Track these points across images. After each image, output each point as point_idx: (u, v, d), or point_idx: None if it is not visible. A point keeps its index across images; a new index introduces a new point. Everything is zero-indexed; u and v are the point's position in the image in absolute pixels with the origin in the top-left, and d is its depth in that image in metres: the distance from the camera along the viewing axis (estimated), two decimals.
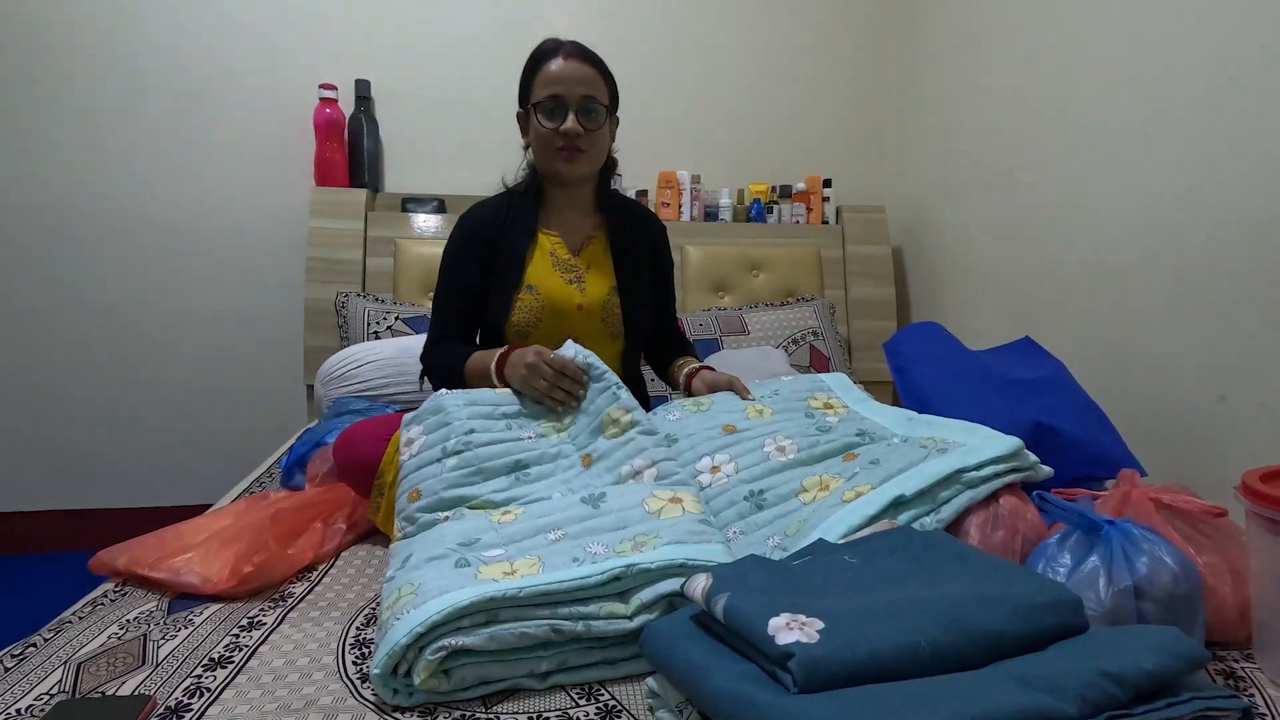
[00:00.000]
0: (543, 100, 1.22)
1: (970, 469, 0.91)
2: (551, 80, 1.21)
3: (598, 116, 1.24)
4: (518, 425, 1.09)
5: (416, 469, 1.02)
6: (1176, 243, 1.38)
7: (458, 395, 1.10)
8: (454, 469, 0.99)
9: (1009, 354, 1.36)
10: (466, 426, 1.04)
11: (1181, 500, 0.85)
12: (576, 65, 1.22)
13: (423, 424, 1.07)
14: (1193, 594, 0.72)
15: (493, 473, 1.00)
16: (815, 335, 2.05)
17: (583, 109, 1.22)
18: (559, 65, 1.22)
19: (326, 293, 2.00)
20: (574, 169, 1.25)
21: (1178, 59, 1.37)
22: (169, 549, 0.99)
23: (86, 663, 0.76)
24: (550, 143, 1.23)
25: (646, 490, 0.94)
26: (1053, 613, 0.57)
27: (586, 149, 1.24)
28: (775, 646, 0.52)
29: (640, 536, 0.83)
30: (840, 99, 2.41)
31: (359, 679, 0.74)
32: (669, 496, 0.93)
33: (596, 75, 1.24)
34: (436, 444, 1.02)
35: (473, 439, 1.02)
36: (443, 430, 1.04)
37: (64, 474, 2.13)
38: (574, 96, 1.21)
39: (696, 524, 0.87)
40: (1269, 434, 1.21)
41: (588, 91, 1.22)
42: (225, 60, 2.09)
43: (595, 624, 0.74)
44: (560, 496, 0.96)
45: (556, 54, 1.23)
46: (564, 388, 1.11)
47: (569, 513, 0.90)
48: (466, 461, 1.00)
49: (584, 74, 1.22)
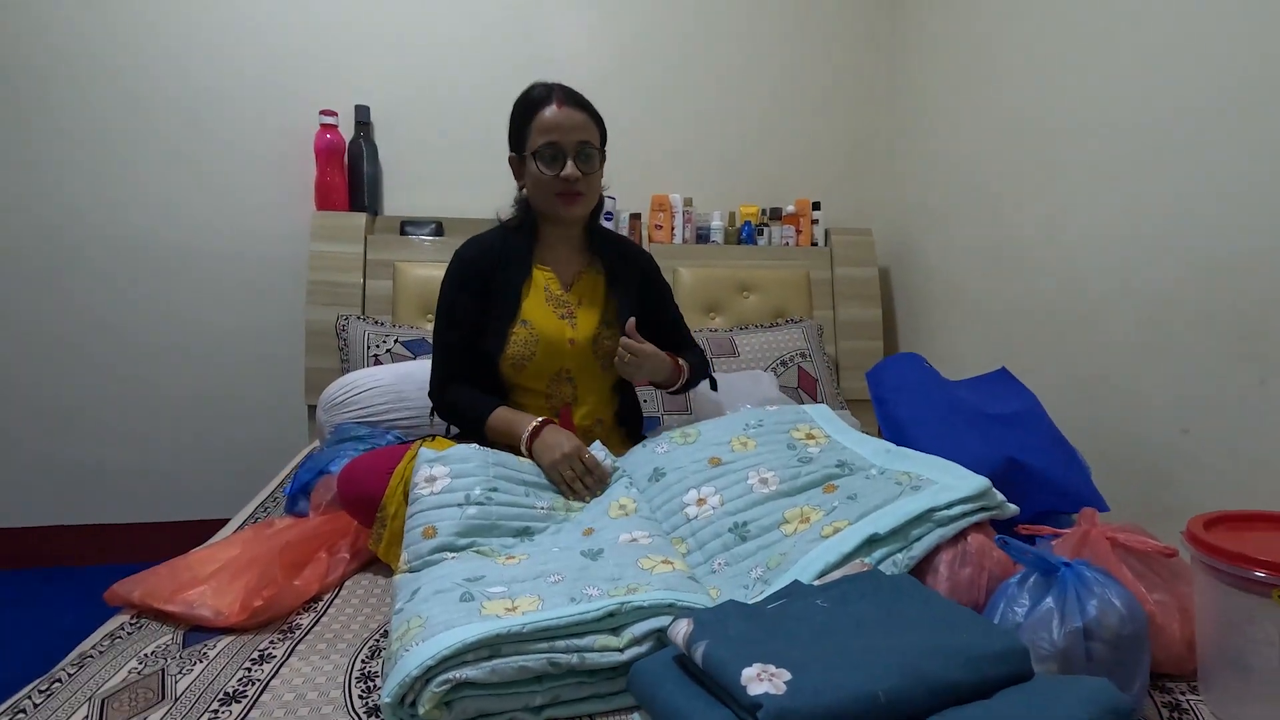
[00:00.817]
0: (541, 148, 1.27)
1: (941, 508, 0.97)
2: (548, 128, 1.26)
3: (593, 160, 1.30)
4: (534, 494, 1.16)
5: (436, 507, 1.06)
6: (1147, 279, 1.44)
7: (487, 453, 1.16)
8: (473, 517, 1.05)
9: (985, 385, 1.42)
10: (492, 484, 1.11)
11: (1136, 540, 0.91)
12: (570, 112, 1.28)
13: (449, 466, 1.12)
14: (1139, 634, 0.78)
15: (504, 531, 1.07)
16: (803, 357, 2.11)
17: (580, 154, 1.27)
18: (554, 113, 1.27)
19: (327, 315, 2.05)
20: (574, 211, 1.31)
21: (1154, 98, 1.43)
22: (181, 581, 1.04)
23: (110, 698, 0.81)
24: (550, 188, 1.28)
25: (641, 551, 1.00)
26: (1002, 662, 0.63)
27: (584, 192, 1.30)
28: (747, 696, 0.58)
29: (633, 584, 0.88)
30: (830, 124, 2.47)
31: (365, 713, 0.79)
32: (661, 559, 0.98)
33: (588, 120, 1.30)
34: (460, 490, 1.08)
35: (494, 496, 1.09)
36: (469, 479, 1.10)
37: (71, 490, 2.18)
38: (571, 143, 1.27)
39: (685, 579, 0.93)
40: (1229, 466, 1.27)
41: (583, 137, 1.28)
42: (228, 86, 2.14)
43: (589, 656, 0.79)
44: (560, 550, 1.02)
45: (549, 101, 1.27)
46: (587, 485, 1.18)
47: (568, 562, 0.96)
48: (486, 515, 1.06)
49: (578, 120, 1.28)
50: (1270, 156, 1.21)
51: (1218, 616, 0.81)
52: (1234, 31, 1.26)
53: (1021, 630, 0.79)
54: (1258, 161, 1.23)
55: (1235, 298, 1.26)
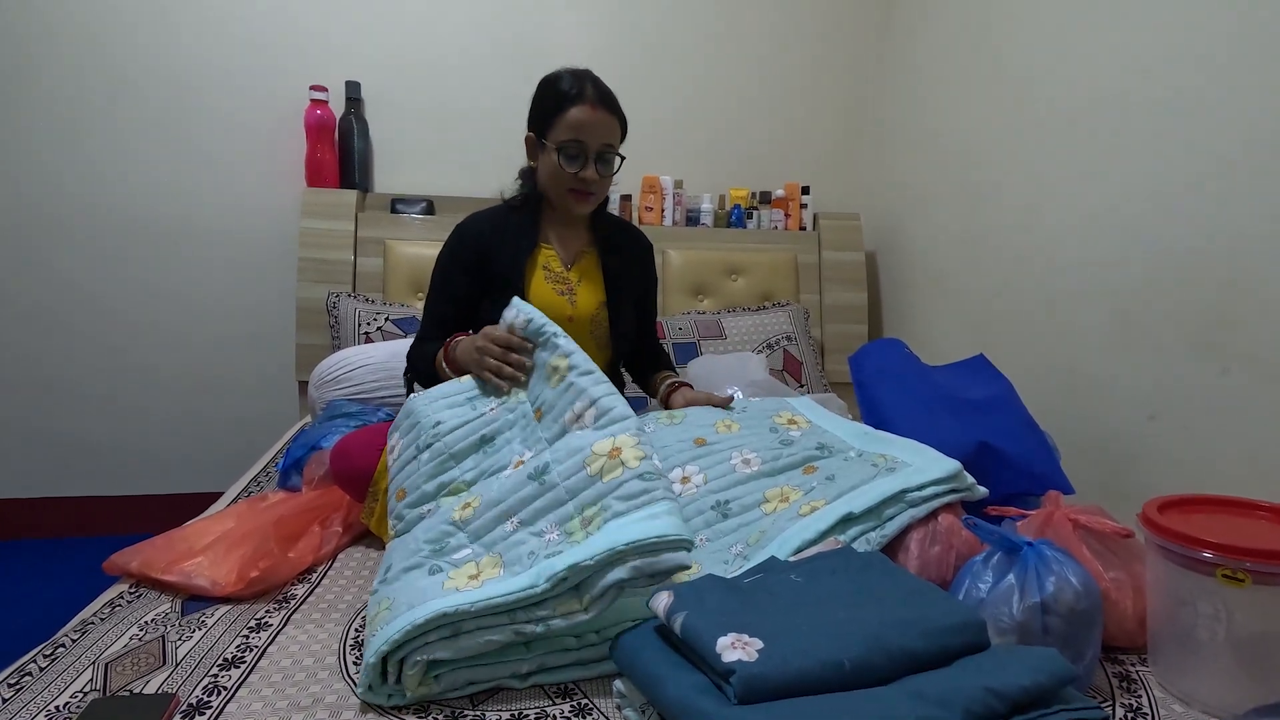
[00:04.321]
0: (565, 144, 1.26)
1: (913, 489, 1.01)
2: (576, 126, 1.25)
3: (612, 164, 1.31)
4: (481, 403, 1.13)
5: (399, 470, 1.09)
6: (1118, 271, 1.48)
7: (426, 394, 1.17)
8: (428, 461, 1.06)
9: (963, 371, 1.46)
10: (433, 420, 1.09)
11: (1095, 522, 0.96)
12: (603, 115, 1.26)
13: (399, 429, 1.14)
14: (1092, 610, 0.82)
15: (463, 454, 1.06)
16: (789, 340, 2.14)
17: (601, 158, 1.28)
18: (586, 114, 1.25)
19: (318, 292, 2.06)
20: (584, 209, 1.34)
21: (1130, 96, 1.46)
22: (178, 552, 1.07)
23: (113, 663, 0.84)
24: (565, 181, 1.29)
25: (586, 444, 0.96)
26: (960, 634, 0.67)
27: (597, 192, 1.32)
28: (721, 663, 0.62)
29: (588, 511, 0.88)
30: (820, 108, 2.48)
31: (359, 678, 0.83)
32: (607, 450, 0.93)
33: (615, 122, 1.29)
34: (410, 444, 1.10)
35: (440, 429, 1.08)
36: (414, 431, 1.11)
37: (67, 463, 2.20)
38: (595, 145, 1.27)
39: (637, 482, 0.88)
40: (1190, 452, 1.32)
41: (607, 139, 1.28)
42: (218, 60, 2.12)
43: (554, 623, 0.80)
44: (512, 469, 1.01)
45: (582, 99, 1.25)
46: (512, 363, 1.13)
47: (519, 494, 0.95)
48: (437, 452, 1.06)
49: (607, 123, 1.27)
50: (1237, 157, 1.24)
51: (1167, 594, 0.86)
52: (1211, 31, 1.29)
53: (984, 605, 0.83)
54: (1225, 161, 1.26)
55: (1201, 291, 1.31)
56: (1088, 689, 0.85)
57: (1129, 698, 0.84)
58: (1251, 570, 0.77)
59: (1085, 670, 0.83)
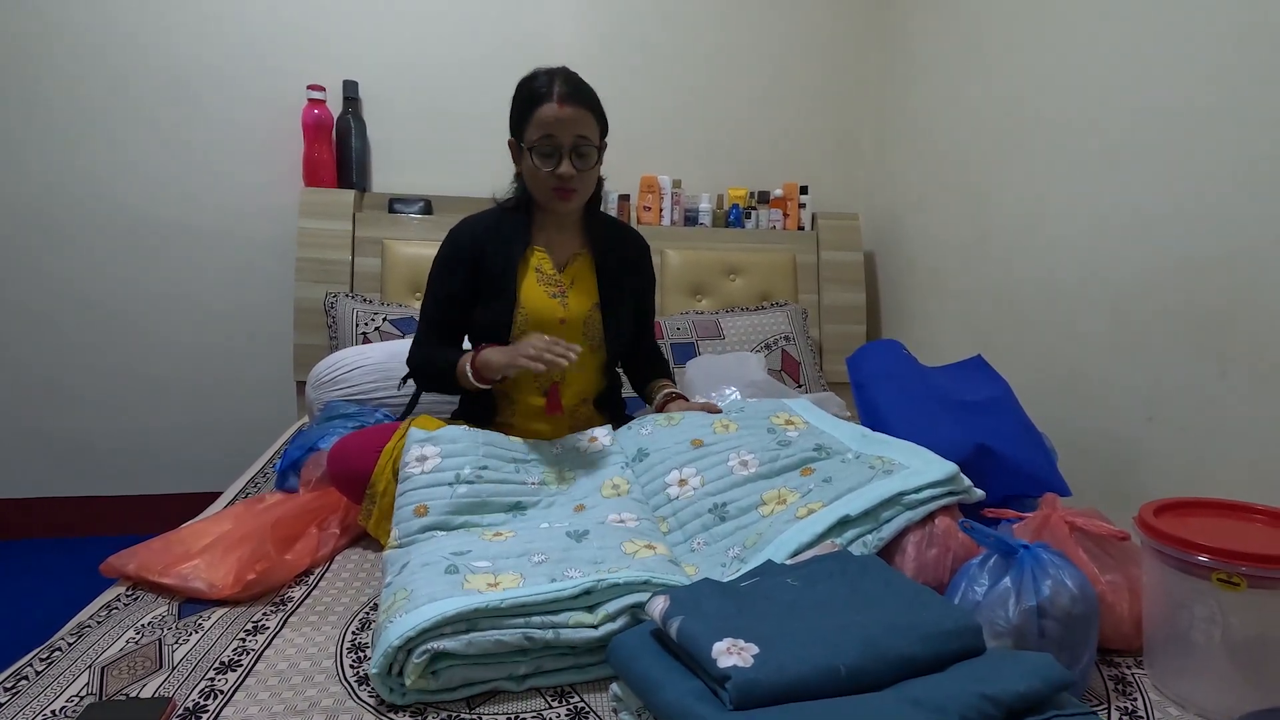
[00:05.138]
0: (537, 143, 1.26)
1: (910, 491, 1.01)
2: (545, 123, 1.25)
3: (589, 158, 1.30)
4: (524, 469, 1.18)
5: (427, 485, 1.09)
6: (1117, 273, 1.48)
7: (476, 433, 1.19)
8: (463, 496, 1.08)
9: (961, 373, 1.46)
10: (482, 461, 1.13)
11: (1092, 525, 0.96)
12: (571, 110, 1.25)
13: (439, 446, 1.14)
14: (1088, 614, 0.83)
15: (494, 508, 1.10)
16: (788, 340, 2.14)
17: (575, 152, 1.27)
18: (553, 111, 1.24)
19: (316, 292, 2.06)
20: (567, 206, 1.33)
21: (1129, 99, 1.46)
22: (174, 555, 1.07)
23: (109, 666, 0.84)
24: (545, 181, 1.29)
25: (627, 534, 1.02)
26: (956, 638, 0.67)
27: (578, 188, 1.31)
28: (716, 669, 0.62)
29: (614, 567, 0.92)
30: (819, 108, 2.48)
31: (356, 682, 0.83)
32: (645, 543, 1.00)
33: (588, 115, 1.28)
34: (451, 469, 1.11)
35: (484, 474, 1.12)
36: (459, 459, 1.13)
37: (64, 463, 2.20)
38: (568, 140, 1.26)
39: (666, 563, 0.96)
40: (1189, 454, 1.32)
41: (580, 132, 1.27)
42: (215, 60, 2.11)
43: (564, 632, 0.82)
44: (548, 527, 1.05)
45: (549, 97, 1.25)
46: (558, 352, 1.18)
47: (553, 542, 0.99)
48: (476, 493, 1.09)
49: (576, 117, 1.26)
50: (1237, 159, 1.24)
51: (1163, 597, 0.86)
52: (1209, 37, 1.29)
53: (980, 608, 0.83)
54: (1225, 163, 1.26)
55: (1200, 294, 1.31)
56: (1083, 692, 0.85)
57: (1124, 701, 0.84)
58: (1247, 574, 0.77)
59: (1081, 673, 0.83)
